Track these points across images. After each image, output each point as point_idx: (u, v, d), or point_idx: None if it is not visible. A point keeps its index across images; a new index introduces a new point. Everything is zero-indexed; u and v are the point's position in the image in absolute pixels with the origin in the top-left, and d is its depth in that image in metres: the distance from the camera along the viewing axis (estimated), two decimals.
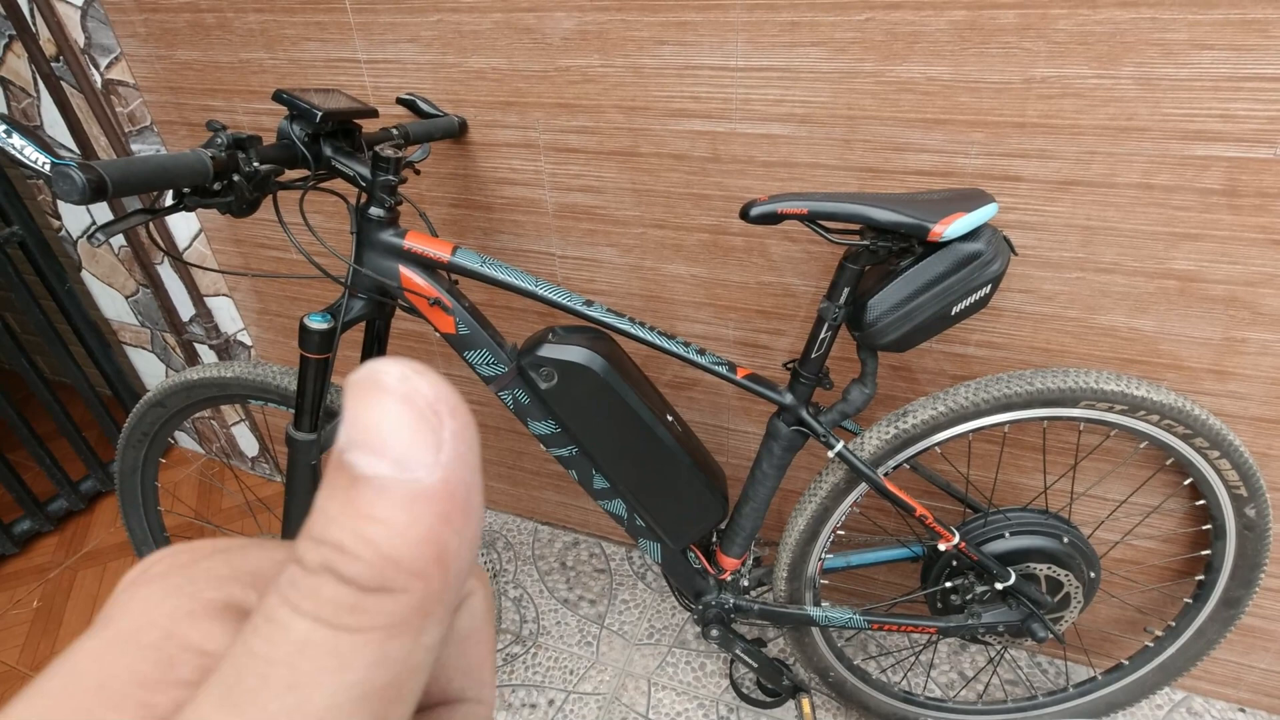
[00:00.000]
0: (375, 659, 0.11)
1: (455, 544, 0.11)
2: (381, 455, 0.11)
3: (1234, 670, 1.20)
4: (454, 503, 0.11)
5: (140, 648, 0.12)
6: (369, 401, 0.11)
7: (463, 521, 0.12)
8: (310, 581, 0.11)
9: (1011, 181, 0.90)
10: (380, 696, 0.11)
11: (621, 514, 1.02)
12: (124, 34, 1.26)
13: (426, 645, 0.12)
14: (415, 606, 0.11)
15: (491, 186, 1.18)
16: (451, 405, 0.12)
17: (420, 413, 0.11)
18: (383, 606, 0.11)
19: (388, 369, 0.12)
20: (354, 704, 0.11)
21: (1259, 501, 0.93)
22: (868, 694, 1.16)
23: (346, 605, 0.11)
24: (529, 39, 1.01)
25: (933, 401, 0.91)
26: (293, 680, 0.11)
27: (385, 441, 0.11)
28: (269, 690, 0.11)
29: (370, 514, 0.11)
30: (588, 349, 0.89)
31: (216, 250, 1.51)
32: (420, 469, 0.11)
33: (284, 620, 0.11)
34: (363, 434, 0.11)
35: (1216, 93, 0.78)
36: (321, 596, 0.11)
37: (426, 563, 0.11)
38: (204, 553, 0.15)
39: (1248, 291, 0.88)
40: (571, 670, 1.34)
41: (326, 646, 0.11)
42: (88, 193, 0.57)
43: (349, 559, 0.11)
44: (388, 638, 0.11)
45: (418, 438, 0.11)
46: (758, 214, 0.80)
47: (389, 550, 0.11)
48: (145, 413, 1.13)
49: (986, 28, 0.82)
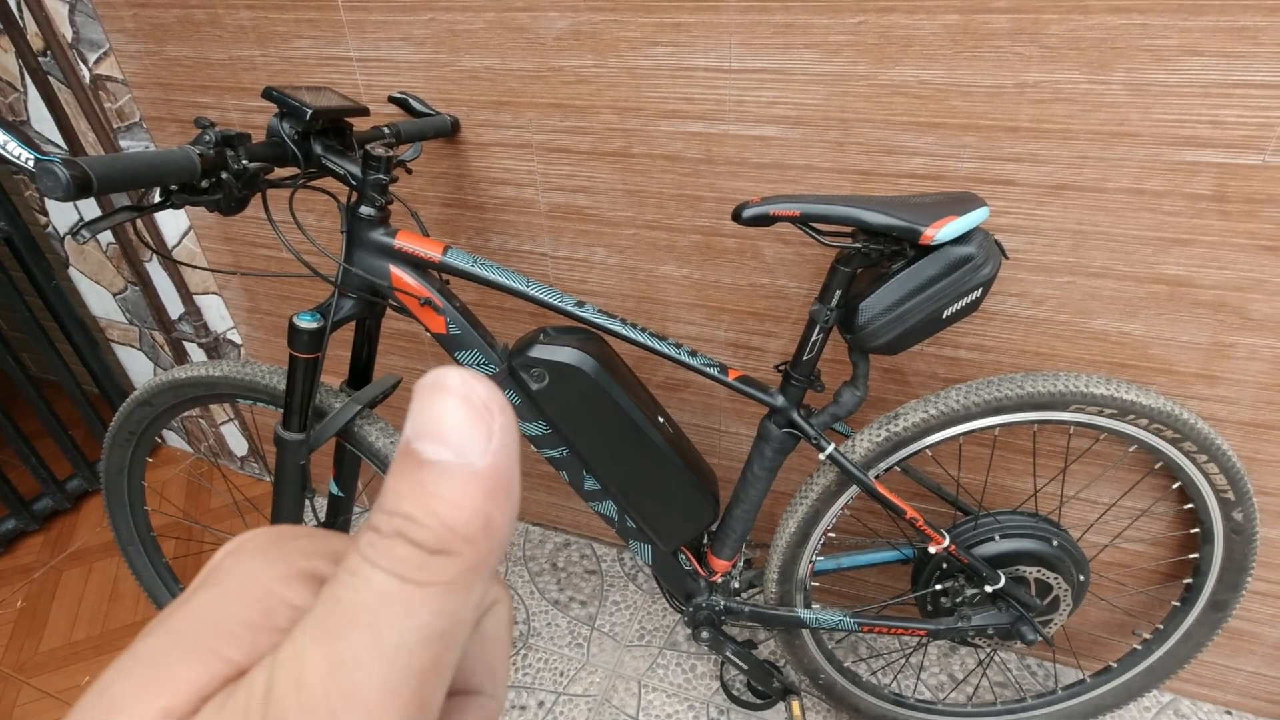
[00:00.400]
0: (436, 609, 0.13)
1: (499, 518, 0.14)
2: (444, 443, 0.13)
3: (1221, 673, 1.21)
4: (499, 483, 0.14)
5: (245, 600, 0.15)
6: (434, 399, 0.13)
7: (505, 499, 0.14)
8: (386, 543, 0.13)
9: (1003, 185, 0.90)
10: (439, 640, 0.13)
11: (612, 515, 1.01)
12: (113, 29, 1.24)
13: (473, 602, 0.14)
14: (467, 567, 0.13)
15: (484, 186, 1.17)
16: (500, 404, 0.14)
17: (476, 409, 0.14)
18: (443, 566, 0.13)
19: (451, 374, 0.14)
20: (419, 644, 0.13)
21: (1246, 505, 0.93)
22: (858, 696, 1.16)
23: (415, 563, 0.13)
24: (522, 38, 1.01)
25: (924, 404, 0.91)
26: (372, 621, 0.13)
27: (447, 432, 0.13)
28: (353, 628, 0.13)
29: (435, 491, 0.13)
30: (579, 350, 0.88)
31: (206, 248, 1.49)
32: (475, 455, 0.13)
33: (365, 574, 0.13)
34: (428, 426, 0.13)
35: (1206, 99, 0.78)
36: (396, 555, 0.13)
37: (477, 531, 0.13)
38: (290, 534, 0.18)
39: (1236, 297, 0.88)
40: (562, 672, 1.34)
41: (399, 596, 0.13)
42: (72, 189, 0.56)
43: (417, 526, 0.13)
44: (446, 592, 0.13)
45: (473, 429, 0.13)
46: (750, 216, 0.80)
47: (449, 520, 0.13)
48: (132, 411, 1.11)
49: (979, 32, 0.82)
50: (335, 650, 0.13)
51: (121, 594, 1.57)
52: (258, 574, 0.16)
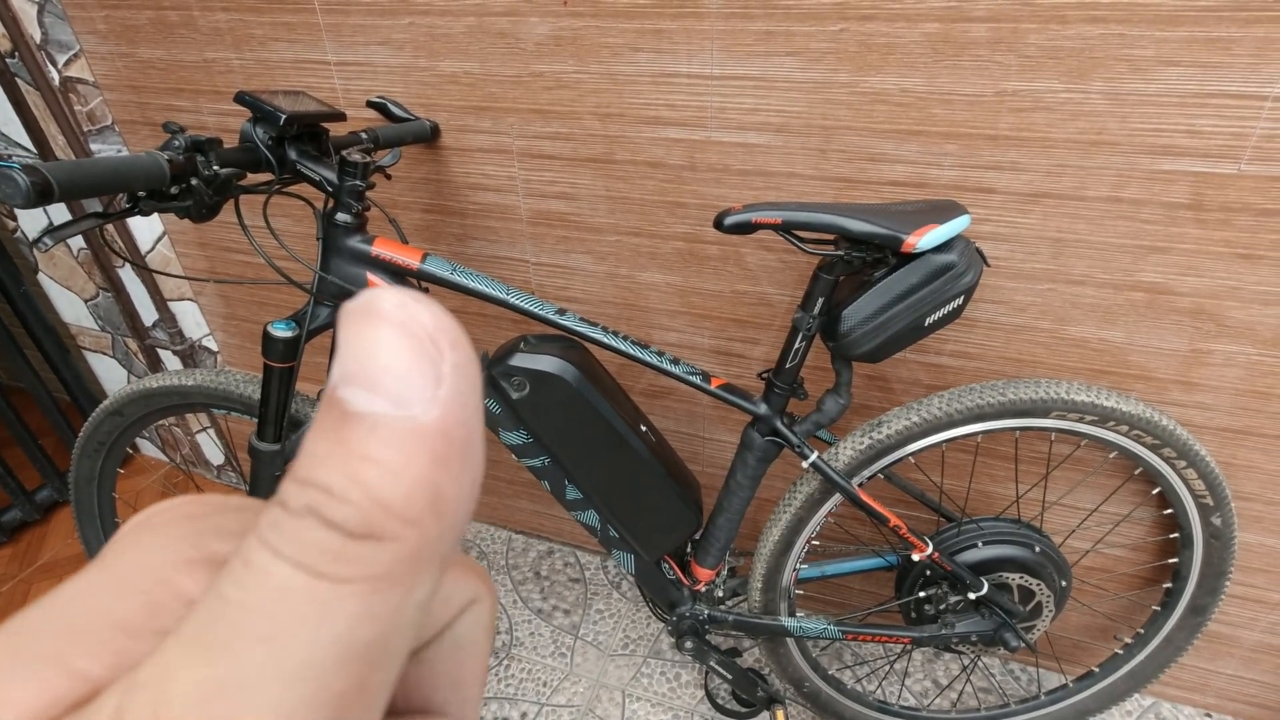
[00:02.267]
0: (360, 613, 0.10)
1: (452, 490, 0.10)
2: (375, 390, 0.10)
3: (1201, 676, 1.22)
4: (451, 444, 0.10)
5: (128, 592, 0.12)
6: (364, 331, 0.10)
7: (460, 466, 0.11)
8: (293, 524, 0.10)
9: (984, 193, 0.90)
10: (364, 656, 0.10)
11: (595, 525, 1.00)
12: (83, 30, 1.22)
13: (416, 602, 0.11)
14: (406, 557, 0.10)
15: (464, 192, 1.16)
16: (453, 337, 0.11)
17: (419, 343, 0.10)
18: (371, 555, 0.10)
19: (385, 295, 0.11)
20: (335, 661, 0.10)
21: (1224, 510, 0.94)
22: (843, 704, 1.16)
23: (331, 552, 0.10)
24: (503, 43, 1.00)
25: (906, 412, 0.91)
26: (268, 631, 0.10)
27: (380, 374, 0.10)
28: (242, 640, 0.10)
29: (362, 453, 0.10)
30: (560, 358, 0.87)
31: (181, 254, 1.47)
32: (417, 405, 0.10)
33: (262, 565, 0.10)
34: (356, 366, 0.10)
35: (1183, 108, 0.79)
36: (304, 541, 0.10)
37: (420, 509, 0.10)
38: (214, 506, 0.14)
39: (1213, 304, 0.89)
40: (545, 682, 1.32)
41: (307, 596, 0.10)
42: (31, 196, 0.55)
43: (336, 502, 0.10)
44: (374, 590, 0.10)
45: (415, 370, 0.10)
46: (732, 223, 0.79)
47: (380, 493, 0.10)
48: (102, 421, 1.09)
49: (959, 41, 0.82)
50: (214, 669, 0.10)
51: None
52: (152, 557, 0.12)
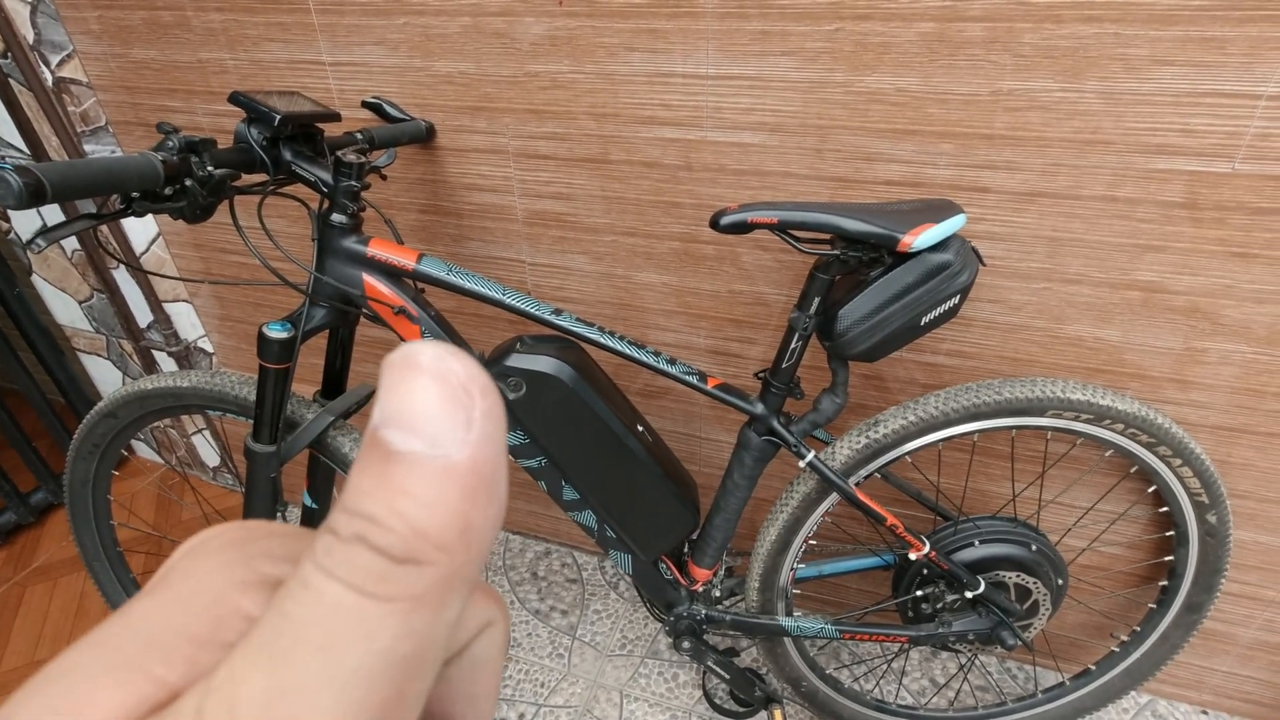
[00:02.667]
0: (401, 629, 0.11)
1: (479, 521, 0.12)
2: (414, 432, 0.11)
3: (1197, 673, 1.22)
4: (480, 480, 0.12)
5: (193, 609, 0.13)
6: (404, 380, 0.12)
7: (487, 500, 0.12)
8: (344, 550, 0.11)
9: (980, 192, 0.90)
10: (403, 666, 0.12)
11: (592, 525, 1.00)
12: (76, 31, 1.21)
13: (447, 620, 0.12)
14: (439, 580, 0.12)
15: (460, 193, 1.16)
16: (482, 385, 0.12)
17: (453, 391, 0.12)
18: (410, 578, 0.11)
19: (423, 349, 0.12)
20: (379, 670, 0.11)
21: (1220, 508, 0.94)
22: (840, 703, 1.16)
23: (377, 574, 0.11)
24: (498, 44, 1.00)
25: (903, 411, 0.91)
26: (324, 642, 0.11)
27: (418, 419, 0.11)
28: (301, 650, 0.11)
29: (403, 488, 0.11)
30: (556, 359, 0.87)
31: (176, 255, 1.46)
32: (451, 446, 0.11)
33: (318, 585, 0.11)
34: (397, 411, 0.11)
35: (1177, 108, 0.79)
36: (355, 564, 0.11)
37: (452, 538, 0.11)
38: (261, 533, 0.15)
39: (1208, 302, 0.89)
40: (543, 683, 1.32)
41: (357, 612, 0.11)
42: (24, 197, 0.54)
43: (381, 530, 0.11)
44: (413, 609, 0.11)
45: (449, 416, 0.12)
46: (728, 223, 0.79)
47: (418, 524, 0.11)
48: (96, 424, 1.08)
49: (954, 40, 0.82)
50: (278, 676, 0.11)
51: (87, 611, 1.52)
52: (211, 579, 0.14)
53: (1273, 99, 0.76)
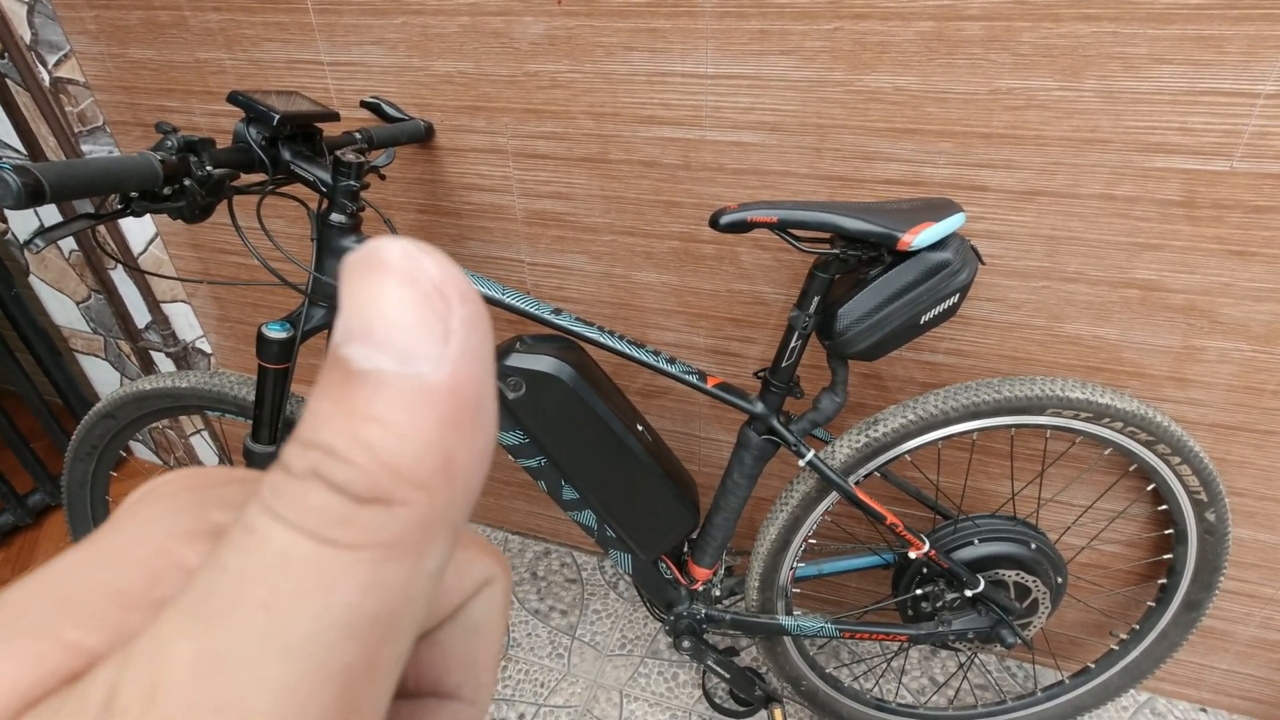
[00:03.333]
0: (368, 582, 0.09)
1: (464, 453, 0.10)
2: (380, 347, 0.09)
3: (1196, 671, 1.23)
4: (463, 404, 0.10)
5: (126, 563, 0.11)
6: (367, 284, 0.10)
7: (472, 428, 0.10)
8: (296, 488, 0.09)
9: (978, 191, 0.91)
10: (373, 628, 0.10)
11: (591, 525, 1.00)
12: (73, 31, 1.21)
13: (429, 571, 0.10)
14: (417, 523, 0.10)
15: (459, 192, 1.16)
16: (461, 289, 0.10)
17: (426, 296, 0.10)
18: (379, 521, 0.09)
19: (389, 245, 0.10)
20: (341, 633, 0.09)
21: (1218, 506, 0.95)
22: (840, 702, 1.16)
23: (336, 517, 0.09)
24: (497, 43, 1.00)
25: (902, 410, 0.91)
26: (270, 599, 0.09)
27: (385, 330, 0.10)
28: (241, 610, 0.09)
29: (367, 413, 0.09)
30: (556, 358, 0.87)
31: (174, 255, 1.46)
32: (425, 362, 0.10)
33: (264, 530, 0.09)
34: (360, 322, 0.10)
35: (1175, 106, 0.79)
36: (308, 505, 0.09)
37: (430, 472, 0.10)
38: (219, 478, 0.13)
39: (1206, 300, 0.90)
40: (542, 683, 1.32)
41: (312, 563, 0.09)
42: (23, 197, 0.54)
43: (341, 464, 0.09)
44: (383, 558, 0.09)
45: (422, 325, 0.10)
46: (727, 222, 0.79)
47: (387, 455, 0.09)
48: (94, 424, 1.08)
49: (953, 39, 0.82)
50: (211, 641, 0.09)
51: None
52: (153, 527, 0.12)
53: (1270, 97, 0.76)
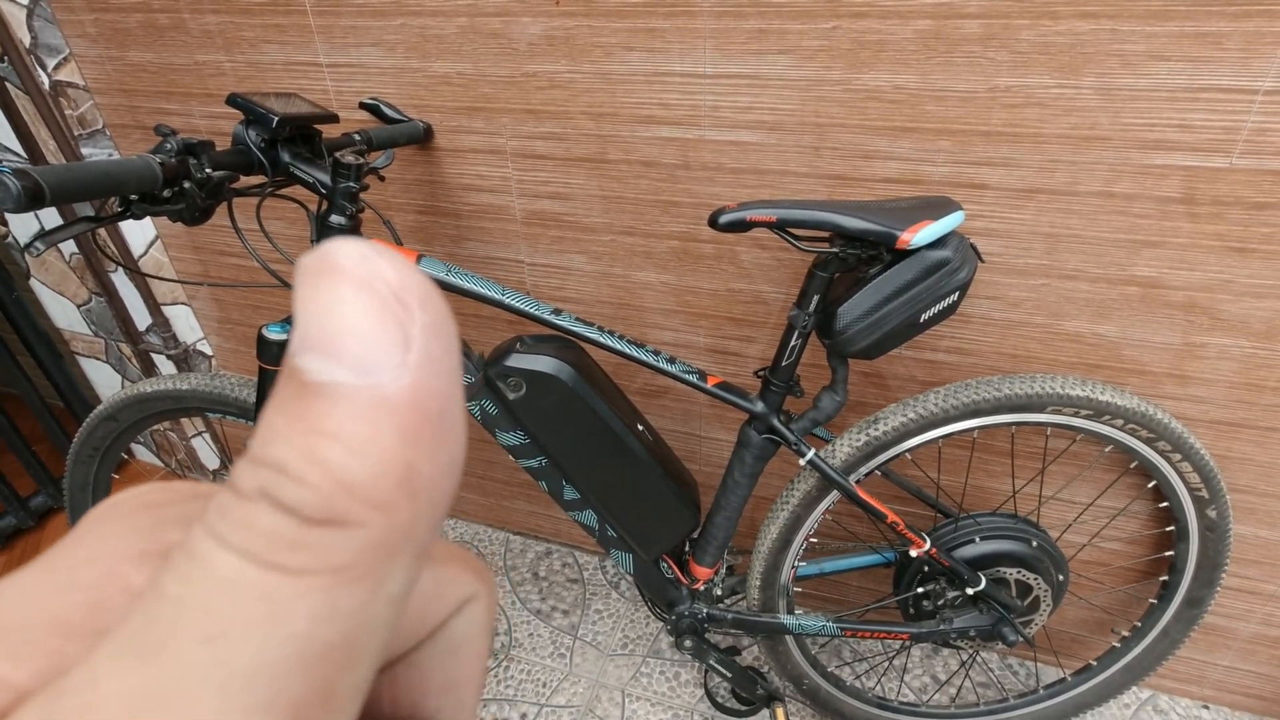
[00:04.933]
0: (320, 610, 0.09)
1: (427, 469, 0.09)
2: (336, 356, 0.09)
3: (1198, 668, 1.22)
4: (424, 416, 0.09)
5: (69, 588, 0.10)
6: (321, 289, 0.09)
7: (435, 441, 0.09)
8: (241, 509, 0.09)
9: (977, 189, 0.91)
10: (326, 658, 0.09)
11: (592, 525, 1.00)
12: (73, 34, 1.21)
13: (390, 596, 0.09)
14: (374, 545, 0.09)
15: (458, 193, 1.16)
16: (422, 294, 0.10)
17: (383, 302, 0.09)
18: (332, 544, 0.09)
19: (344, 248, 0.09)
20: (290, 664, 0.09)
21: (1220, 503, 0.95)
22: (842, 700, 1.16)
23: (285, 540, 0.09)
24: (495, 44, 1.00)
25: (903, 408, 0.91)
26: (211, 630, 0.08)
27: (341, 339, 0.09)
28: (180, 641, 0.08)
29: (322, 428, 0.09)
30: (556, 358, 0.87)
31: (174, 257, 1.46)
32: (384, 372, 0.09)
33: (207, 555, 0.09)
34: (314, 331, 0.09)
35: (1174, 103, 0.79)
36: (254, 527, 0.09)
37: (389, 490, 0.09)
38: (183, 494, 0.12)
39: (1206, 297, 0.90)
40: (544, 683, 1.32)
41: (257, 590, 0.08)
42: (23, 200, 0.54)
43: (291, 482, 0.09)
44: (338, 584, 0.09)
45: (380, 333, 0.09)
46: (726, 222, 0.79)
47: (343, 473, 0.09)
48: (96, 427, 1.08)
49: (951, 37, 0.82)
50: (148, 675, 0.08)
51: None
52: (105, 548, 0.11)
53: (1269, 94, 0.76)
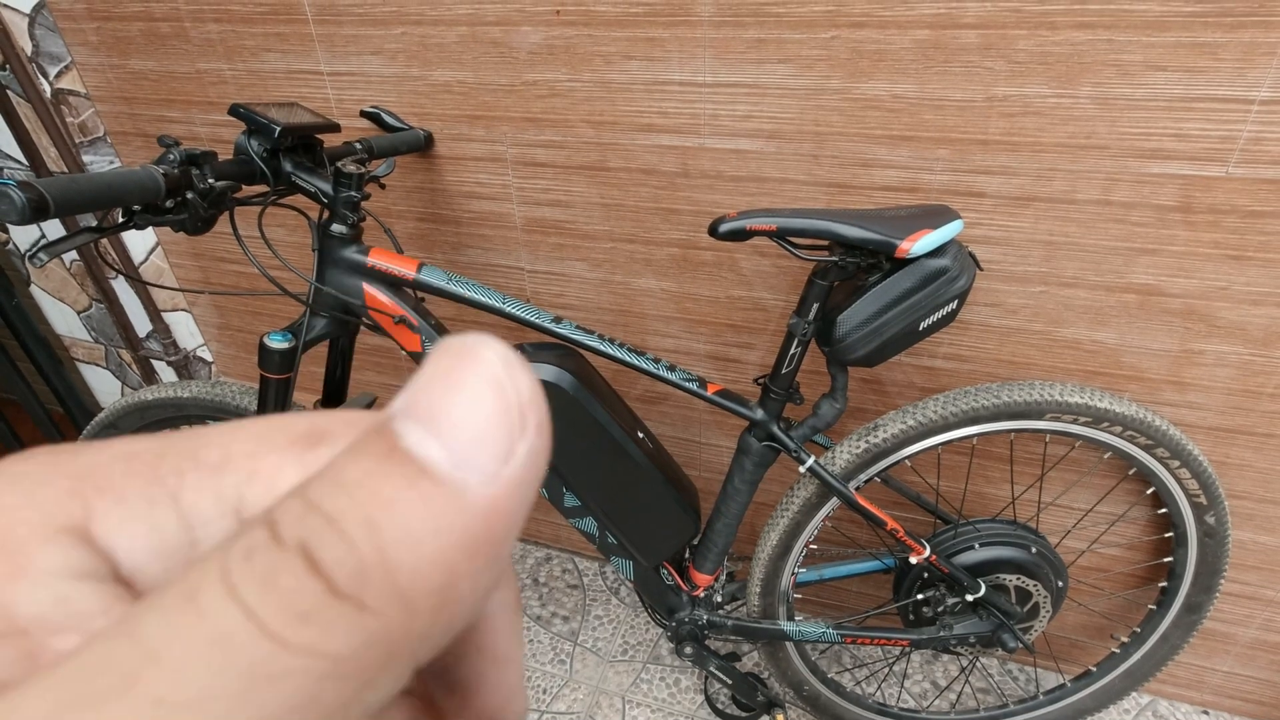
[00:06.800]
0: (297, 699, 0.08)
1: (467, 586, 0.09)
2: (441, 437, 0.09)
3: (1197, 673, 1.23)
4: (490, 534, 0.09)
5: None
6: (455, 370, 0.09)
7: (486, 563, 0.09)
8: (272, 560, 0.08)
9: (975, 197, 0.91)
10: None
11: (593, 532, 1.00)
12: (74, 42, 1.22)
13: (365, 706, 0.09)
14: (380, 642, 0.08)
15: (459, 201, 1.16)
16: (540, 418, 0.09)
17: (506, 409, 0.09)
18: (343, 626, 0.08)
19: (491, 346, 0.09)
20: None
21: (1218, 509, 0.95)
22: (842, 706, 1.16)
23: (300, 609, 0.08)
24: (495, 52, 1.00)
25: (902, 415, 0.91)
26: (174, 694, 0.07)
27: (452, 422, 0.09)
28: (133, 697, 0.07)
29: (393, 498, 0.08)
30: (557, 366, 0.87)
31: (175, 264, 1.46)
32: (476, 473, 0.09)
33: (207, 604, 0.08)
34: (429, 403, 0.09)
35: (1171, 112, 0.80)
36: (277, 587, 0.08)
37: (423, 591, 0.08)
38: (120, 451, 0.11)
39: (1203, 305, 0.90)
40: (545, 690, 1.32)
41: (245, 660, 0.07)
42: (27, 213, 0.54)
43: (338, 540, 0.08)
44: (326, 674, 0.08)
45: (491, 436, 0.09)
46: (726, 231, 0.80)
47: (393, 551, 0.08)
48: (96, 434, 1.08)
49: (949, 47, 0.83)
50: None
51: None
52: (6, 519, 0.09)
53: (1265, 104, 0.76)
